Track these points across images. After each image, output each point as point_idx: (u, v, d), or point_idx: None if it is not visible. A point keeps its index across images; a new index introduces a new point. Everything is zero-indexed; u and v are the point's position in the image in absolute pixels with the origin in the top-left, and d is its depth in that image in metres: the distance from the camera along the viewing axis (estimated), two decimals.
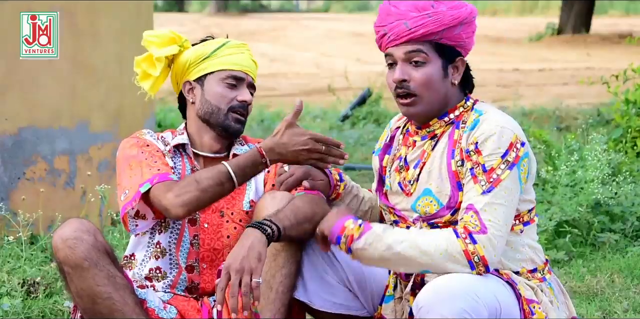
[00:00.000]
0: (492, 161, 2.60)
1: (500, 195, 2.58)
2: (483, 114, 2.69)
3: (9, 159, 4.57)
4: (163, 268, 2.96)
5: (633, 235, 4.68)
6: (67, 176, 4.73)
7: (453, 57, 2.71)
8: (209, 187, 2.79)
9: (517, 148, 2.61)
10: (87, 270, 2.71)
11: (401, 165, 2.81)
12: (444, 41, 2.68)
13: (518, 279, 2.68)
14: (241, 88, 3.02)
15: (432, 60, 2.69)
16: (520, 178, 2.63)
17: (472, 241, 2.54)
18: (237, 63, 3.02)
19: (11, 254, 4.13)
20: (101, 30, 4.84)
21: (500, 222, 2.56)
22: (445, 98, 2.73)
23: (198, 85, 3.01)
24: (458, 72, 2.72)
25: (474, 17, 2.70)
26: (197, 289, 2.95)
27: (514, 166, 2.60)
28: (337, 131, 8.98)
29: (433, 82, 2.69)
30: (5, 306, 3.61)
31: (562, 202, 4.70)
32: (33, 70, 4.58)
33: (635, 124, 5.73)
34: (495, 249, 2.55)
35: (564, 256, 4.41)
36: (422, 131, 2.77)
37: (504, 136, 2.61)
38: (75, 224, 2.76)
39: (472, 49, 2.79)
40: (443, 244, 2.56)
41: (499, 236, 2.56)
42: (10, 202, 4.53)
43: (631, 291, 4.01)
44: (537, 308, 2.63)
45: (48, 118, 4.67)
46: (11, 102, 4.56)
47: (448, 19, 2.66)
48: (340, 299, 2.84)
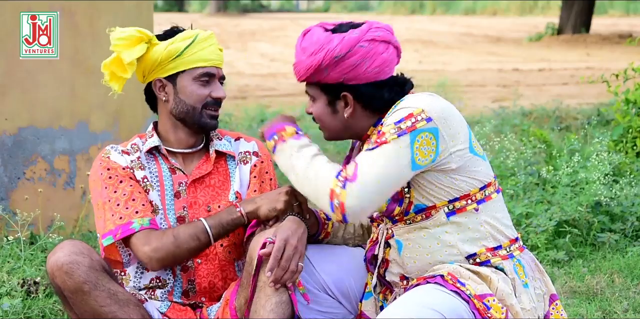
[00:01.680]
0: (386, 127, 2.65)
1: (382, 155, 2.60)
2: (401, 102, 2.71)
3: (9, 159, 4.57)
4: (161, 275, 2.97)
5: (633, 235, 4.68)
6: (67, 176, 4.73)
7: (338, 94, 2.76)
8: (185, 243, 2.84)
9: (416, 119, 2.62)
10: (87, 293, 2.72)
11: None
12: (324, 81, 2.75)
13: (465, 276, 2.67)
14: (213, 84, 3.00)
15: (318, 98, 2.81)
16: (413, 148, 2.61)
17: (342, 186, 2.58)
18: (208, 59, 2.98)
19: (11, 254, 4.13)
20: (101, 30, 4.83)
21: (372, 177, 2.58)
22: (348, 128, 2.81)
23: (170, 83, 2.99)
24: (349, 106, 2.76)
25: (338, 56, 2.70)
26: (194, 290, 2.96)
27: (404, 134, 2.61)
28: None
29: (323, 117, 2.82)
30: (5, 306, 3.61)
31: (562, 202, 4.70)
32: (33, 70, 4.58)
33: (635, 124, 5.73)
34: (360, 199, 2.57)
35: (564, 256, 4.41)
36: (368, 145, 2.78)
37: (406, 110, 2.65)
38: (68, 247, 2.75)
39: (472, 49, 2.79)
40: (321, 176, 2.64)
41: (367, 189, 2.57)
42: (10, 202, 4.53)
43: (631, 291, 4.01)
44: (492, 301, 2.62)
45: (48, 118, 4.67)
46: (11, 102, 4.56)
47: (304, 69, 2.75)
48: (324, 307, 2.86)
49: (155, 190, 2.97)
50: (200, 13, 37.44)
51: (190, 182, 3.00)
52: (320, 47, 2.71)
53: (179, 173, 3.00)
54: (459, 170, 2.68)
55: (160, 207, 2.96)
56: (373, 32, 2.72)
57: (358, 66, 2.71)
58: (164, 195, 2.98)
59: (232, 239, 3.00)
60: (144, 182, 2.97)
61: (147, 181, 2.97)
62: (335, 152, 7.86)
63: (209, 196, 3.00)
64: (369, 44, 2.71)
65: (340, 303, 2.88)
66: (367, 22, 2.76)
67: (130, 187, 2.92)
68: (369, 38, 2.71)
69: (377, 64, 2.72)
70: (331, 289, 2.85)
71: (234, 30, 25.89)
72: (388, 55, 2.73)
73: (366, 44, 2.70)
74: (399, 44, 2.80)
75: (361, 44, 2.70)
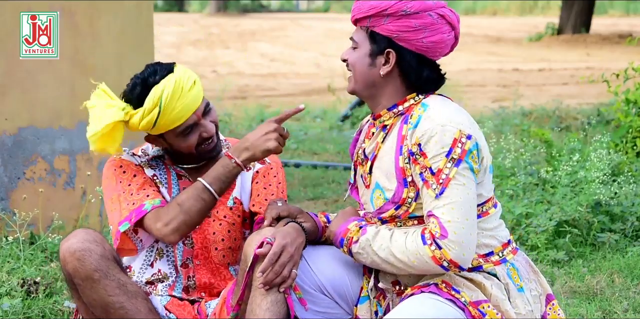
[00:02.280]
0: (437, 162, 2.61)
1: (453, 193, 2.59)
2: (427, 109, 2.69)
3: (9, 159, 4.57)
4: (163, 269, 2.98)
5: (633, 235, 4.68)
6: (67, 176, 4.73)
7: (383, 48, 2.72)
8: (192, 207, 2.84)
9: (462, 143, 2.62)
10: (98, 281, 2.73)
11: (362, 158, 2.85)
12: (376, 30, 2.71)
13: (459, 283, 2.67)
14: (197, 128, 2.97)
15: (361, 46, 2.76)
16: (473, 169, 2.62)
17: (437, 247, 2.58)
18: (182, 115, 2.91)
19: (11, 254, 4.13)
20: (101, 30, 4.84)
21: (459, 220, 2.58)
22: (375, 87, 2.76)
23: (160, 138, 2.99)
24: (389, 64, 2.73)
25: (406, 11, 2.68)
26: (194, 287, 2.98)
27: (460, 162, 2.61)
28: (337, 131, 8.99)
29: (357, 66, 2.76)
30: (5, 306, 3.60)
31: (562, 202, 4.70)
32: (33, 70, 4.58)
33: (635, 124, 5.73)
34: (463, 247, 2.57)
35: (564, 256, 4.41)
36: (376, 122, 2.80)
37: (446, 134, 2.62)
38: (82, 235, 2.77)
39: (472, 49, 2.78)
40: (413, 252, 2.61)
41: (463, 234, 2.58)
42: (10, 202, 4.53)
43: (631, 291, 4.00)
44: (487, 307, 2.63)
45: (48, 118, 4.67)
46: (11, 102, 4.56)
47: (367, 7, 2.71)
48: (321, 308, 2.84)
49: (164, 187, 3.01)
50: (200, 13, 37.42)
51: None
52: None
53: (185, 179, 3.03)
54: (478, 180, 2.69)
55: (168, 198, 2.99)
56: (447, 11, 2.72)
57: (417, 31, 2.68)
58: (170, 195, 3.01)
59: (228, 244, 3.01)
60: (153, 179, 3.01)
61: (156, 179, 3.01)
62: (335, 152, 7.87)
63: None
64: (438, 17, 2.69)
65: (337, 304, 2.87)
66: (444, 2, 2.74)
67: (143, 179, 2.96)
68: (441, 13, 2.70)
69: (434, 39, 2.70)
70: (328, 290, 2.84)
71: (234, 30, 25.89)
72: (446, 38, 2.72)
73: (435, 15, 2.69)
74: (459, 36, 2.78)
75: (431, 13, 2.69)
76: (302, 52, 19.78)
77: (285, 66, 16.79)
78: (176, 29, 25.55)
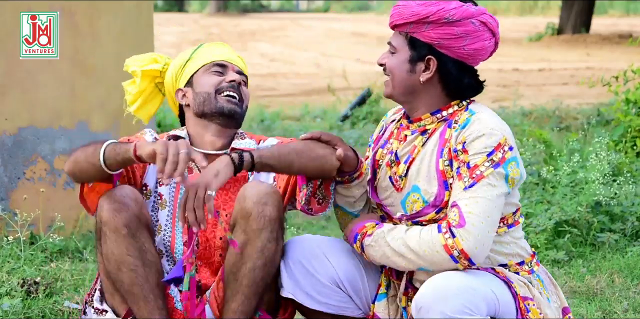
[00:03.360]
0: (476, 158, 2.62)
1: (482, 190, 2.59)
2: (475, 113, 2.69)
3: (9, 159, 4.57)
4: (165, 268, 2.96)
5: (633, 235, 4.68)
6: (67, 176, 4.72)
7: (423, 55, 2.71)
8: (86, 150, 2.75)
9: (504, 150, 2.63)
10: (124, 237, 2.74)
11: (392, 159, 2.81)
12: (417, 36, 2.69)
13: (513, 277, 2.69)
14: (228, 73, 3.01)
15: (400, 52, 2.74)
16: (507, 179, 2.63)
17: (451, 235, 2.57)
18: (217, 55, 3.01)
19: (11, 254, 4.13)
20: (101, 30, 4.84)
21: (481, 215, 2.58)
22: (414, 93, 2.74)
23: (189, 88, 3.01)
24: (430, 71, 2.71)
25: (449, 19, 2.66)
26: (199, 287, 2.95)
27: (498, 166, 2.62)
28: (337, 131, 8.98)
29: (396, 72, 2.74)
30: (5, 306, 3.60)
31: (562, 202, 4.70)
32: (33, 70, 4.58)
33: (635, 124, 5.72)
34: (477, 240, 2.56)
35: (564, 256, 4.41)
36: (413, 125, 2.78)
37: (492, 137, 2.63)
38: (127, 191, 2.79)
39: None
40: (426, 240, 2.60)
41: (481, 228, 2.57)
42: (10, 202, 4.53)
43: (631, 291, 4.00)
44: (532, 305, 2.64)
45: (48, 118, 4.67)
46: (11, 102, 4.56)
47: (408, 14, 2.69)
48: (332, 301, 2.83)
49: (172, 186, 2.96)
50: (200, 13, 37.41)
51: None
52: (437, 2, 2.67)
53: (195, 172, 2.98)
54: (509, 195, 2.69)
55: (168, 202, 2.95)
56: (488, 17, 2.71)
57: (459, 38, 2.67)
58: (177, 192, 2.97)
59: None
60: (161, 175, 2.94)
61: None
62: None
63: (221, 200, 2.96)
64: (479, 24, 2.68)
65: (351, 299, 2.86)
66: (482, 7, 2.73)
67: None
68: (483, 20, 2.69)
69: (476, 47, 2.69)
70: (344, 285, 2.83)
71: (234, 30, 25.88)
72: (487, 45, 2.72)
73: (477, 23, 2.68)
74: (498, 44, 2.76)
75: (473, 20, 2.68)
76: (302, 52, 19.78)
77: (285, 66, 16.79)
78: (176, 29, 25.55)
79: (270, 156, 2.71)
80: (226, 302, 2.81)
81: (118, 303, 2.85)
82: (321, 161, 2.76)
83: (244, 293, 2.78)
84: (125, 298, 2.79)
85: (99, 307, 2.88)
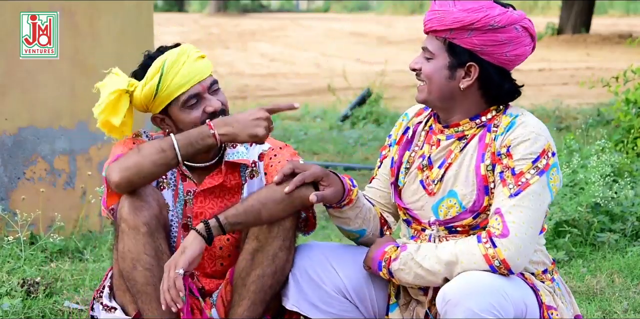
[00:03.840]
0: (522, 165, 2.59)
1: (527, 199, 2.56)
2: (519, 116, 2.66)
3: (9, 159, 4.57)
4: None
5: (633, 235, 4.68)
6: (67, 176, 4.73)
7: (464, 61, 2.66)
8: (149, 154, 2.71)
9: (548, 156, 2.60)
10: (142, 235, 2.72)
11: (424, 163, 2.76)
12: (457, 42, 2.64)
13: (539, 285, 2.68)
14: (204, 99, 2.88)
15: (437, 57, 2.67)
16: (550, 187, 2.61)
17: (492, 245, 2.53)
18: (184, 82, 2.85)
19: (11, 254, 4.13)
20: (101, 30, 4.84)
21: (524, 225, 2.54)
22: (452, 99, 2.69)
23: (165, 116, 2.92)
24: (469, 77, 2.66)
25: (494, 26, 2.61)
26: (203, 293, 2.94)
27: (543, 173, 2.59)
28: (337, 131, 8.98)
29: (434, 79, 2.68)
30: (5, 306, 3.60)
31: (562, 203, 4.70)
32: (33, 70, 4.58)
33: (636, 124, 5.72)
34: (519, 251, 2.53)
35: (564, 256, 4.41)
36: (449, 130, 2.74)
37: (537, 142, 2.60)
38: (149, 191, 2.77)
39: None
40: (463, 250, 2.56)
41: (524, 238, 2.53)
42: (10, 202, 4.53)
43: (631, 291, 4.00)
44: (555, 315, 2.62)
45: (48, 118, 4.67)
46: (11, 102, 4.56)
47: (450, 20, 2.62)
48: (336, 310, 2.80)
49: (170, 190, 2.94)
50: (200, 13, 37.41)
51: (198, 192, 2.94)
52: (480, 8, 2.62)
53: (189, 181, 2.95)
54: None
55: (171, 208, 2.94)
56: (529, 22, 2.68)
57: (502, 45, 2.63)
58: (176, 199, 2.95)
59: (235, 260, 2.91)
60: (161, 178, 2.93)
61: (164, 178, 2.94)
62: (335, 152, 7.87)
63: (217, 208, 2.94)
64: (522, 30, 2.65)
65: (357, 307, 2.82)
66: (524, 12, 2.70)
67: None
68: (525, 25, 2.66)
69: (517, 52, 2.65)
70: (350, 294, 2.80)
71: (234, 30, 25.87)
72: (527, 50, 2.68)
73: (520, 28, 2.65)
74: (535, 48, 2.73)
75: (517, 26, 2.64)
76: (302, 52, 19.78)
77: (285, 66, 16.79)
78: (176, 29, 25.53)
79: (236, 214, 2.70)
80: (232, 306, 2.80)
81: (128, 302, 2.83)
82: (289, 200, 2.72)
83: (250, 299, 2.77)
84: (137, 298, 2.77)
85: (107, 304, 2.86)
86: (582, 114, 9.02)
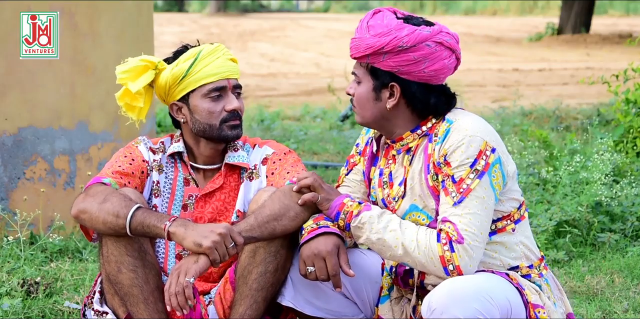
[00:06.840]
0: (461, 171, 2.62)
1: (472, 205, 2.60)
2: (453, 122, 2.69)
3: (9, 159, 4.57)
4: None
5: (633, 235, 4.68)
6: (67, 176, 4.73)
7: (386, 83, 2.72)
8: (106, 212, 2.74)
9: (486, 155, 2.63)
10: (122, 237, 2.75)
11: (385, 181, 2.83)
12: (377, 65, 2.71)
13: (525, 283, 2.69)
14: (226, 96, 2.96)
15: (364, 81, 2.75)
16: (493, 185, 2.63)
17: (450, 249, 2.58)
18: (215, 73, 2.94)
19: (11, 254, 4.13)
20: (101, 30, 4.84)
21: (475, 232, 2.59)
22: (384, 119, 2.75)
23: (184, 104, 2.97)
24: (394, 98, 2.72)
25: (403, 46, 2.66)
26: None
27: (483, 174, 2.62)
28: (337, 131, 8.98)
29: (363, 102, 2.76)
30: (5, 306, 3.60)
31: (563, 203, 4.70)
32: (33, 70, 4.58)
33: (636, 124, 5.72)
34: (472, 259, 2.58)
35: (564, 256, 4.41)
36: (397, 144, 2.79)
37: (472, 145, 2.62)
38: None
39: (472, 49, 2.78)
40: (423, 244, 2.60)
41: (476, 247, 2.59)
42: (10, 202, 4.53)
43: (631, 291, 4.00)
44: (542, 313, 2.64)
45: (48, 118, 4.67)
46: (11, 102, 4.56)
47: (364, 47, 2.71)
48: (333, 306, 2.84)
49: (165, 197, 2.97)
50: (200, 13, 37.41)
51: (200, 196, 2.98)
52: (389, 31, 2.68)
53: (192, 185, 2.99)
54: (506, 191, 2.69)
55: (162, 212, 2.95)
56: (443, 36, 2.70)
57: (417, 63, 2.67)
58: (171, 204, 2.97)
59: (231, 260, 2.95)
60: (156, 186, 2.96)
61: (158, 186, 2.97)
62: (335, 152, 7.86)
63: (216, 211, 2.97)
64: (435, 45, 2.68)
65: (355, 303, 2.86)
66: (438, 24, 2.72)
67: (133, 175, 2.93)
68: (438, 40, 2.68)
69: (436, 67, 2.69)
70: (347, 288, 2.84)
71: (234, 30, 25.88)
72: (448, 62, 2.71)
73: (433, 44, 2.68)
74: (460, 56, 2.76)
75: (429, 43, 2.67)
76: (302, 52, 19.78)
77: (285, 66, 16.78)
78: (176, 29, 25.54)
79: (250, 229, 2.73)
80: (234, 305, 2.81)
81: (118, 306, 2.85)
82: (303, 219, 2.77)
83: (252, 297, 2.79)
84: (125, 300, 2.79)
85: (99, 309, 2.88)
86: (582, 114, 9.02)
